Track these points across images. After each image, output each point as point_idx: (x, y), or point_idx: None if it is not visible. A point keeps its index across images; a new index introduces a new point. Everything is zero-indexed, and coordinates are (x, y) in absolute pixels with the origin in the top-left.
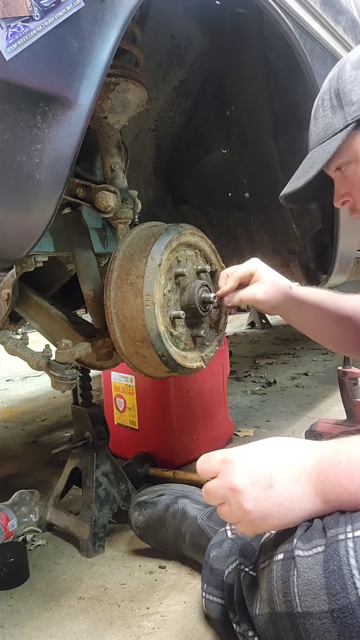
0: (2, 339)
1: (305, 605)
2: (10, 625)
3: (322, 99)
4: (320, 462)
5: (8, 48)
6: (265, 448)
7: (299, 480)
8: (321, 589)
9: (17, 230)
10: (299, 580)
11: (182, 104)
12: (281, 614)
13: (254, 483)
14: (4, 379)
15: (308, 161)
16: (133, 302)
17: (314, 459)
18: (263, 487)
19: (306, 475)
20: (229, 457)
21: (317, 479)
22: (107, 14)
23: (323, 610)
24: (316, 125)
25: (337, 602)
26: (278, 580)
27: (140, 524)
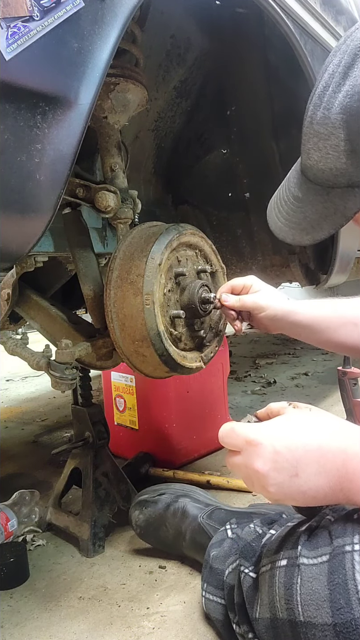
0: (2, 339)
1: (308, 615)
2: (10, 625)
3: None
4: (347, 453)
5: (8, 48)
6: (292, 430)
7: (325, 471)
8: (325, 601)
9: (17, 230)
10: (303, 589)
11: (182, 104)
12: (282, 621)
13: (278, 470)
14: (4, 379)
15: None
16: (133, 301)
17: (341, 448)
18: (288, 475)
19: (332, 466)
20: (253, 440)
21: (342, 470)
22: (107, 14)
23: (326, 623)
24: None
25: (340, 616)
26: (280, 587)
27: (140, 523)
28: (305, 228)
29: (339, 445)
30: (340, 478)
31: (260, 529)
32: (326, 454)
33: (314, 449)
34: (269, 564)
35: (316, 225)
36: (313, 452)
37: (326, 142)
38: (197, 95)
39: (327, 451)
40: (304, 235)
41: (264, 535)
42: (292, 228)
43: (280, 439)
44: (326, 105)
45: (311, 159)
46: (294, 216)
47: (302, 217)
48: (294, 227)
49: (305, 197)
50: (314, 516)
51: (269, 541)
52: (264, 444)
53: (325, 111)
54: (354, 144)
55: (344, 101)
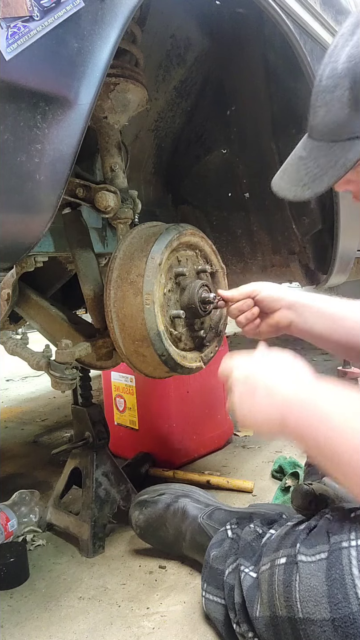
0: (2, 339)
1: (307, 611)
2: (10, 625)
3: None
4: (289, 395)
5: (8, 48)
6: (264, 362)
7: (271, 396)
8: (323, 596)
9: (17, 230)
10: (301, 586)
11: (182, 104)
12: (282, 618)
13: (244, 386)
14: (4, 379)
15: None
16: (133, 300)
17: (292, 390)
18: (249, 393)
19: (278, 400)
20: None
21: (283, 408)
22: (107, 14)
23: (324, 618)
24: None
25: (338, 611)
26: (280, 585)
27: (140, 523)
28: (307, 183)
29: (290, 385)
30: (282, 412)
31: (260, 529)
32: (277, 386)
33: (270, 379)
34: (268, 563)
35: (317, 178)
36: (268, 383)
37: (332, 95)
38: (197, 95)
39: (279, 386)
40: (305, 190)
41: (263, 535)
42: (294, 185)
43: (253, 365)
44: (334, 59)
45: (317, 116)
46: (296, 174)
47: (304, 173)
48: (296, 184)
49: (309, 155)
50: (312, 516)
51: (269, 541)
52: (242, 367)
53: (333, 64)
54: (356, 92)
55: (350, 51)
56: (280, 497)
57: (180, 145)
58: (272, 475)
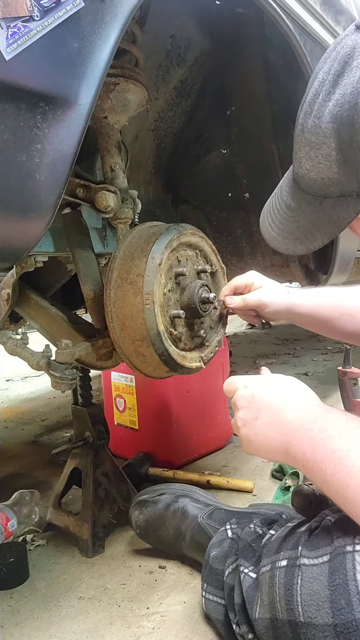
0: (2, 339)
1: (308, 615)
2: (10, 625)
3: (322, 142)
4: (295, 422)
5: (8, 48)
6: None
7: (275, 425)
8: (325, 601)
9: (17, 230)
10: (303, 590)
11: (182, 104)
12: (282, 621)
13: (248, 409)
14: (4, 379)
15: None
16: (133, 300)
17: (294, 416)
18: (252, 416)
19: (280, 426)
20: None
21: (287, 433)
22: (107, 14)
23: (326, 623)
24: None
25: (341, 617)
26: (281, 587)
27: (140, 523)
28: (299, 238)
29: (295, 412)
30: (285, 439)
31: (260, 530)
32: (282, 413)
33: (275, 404)
34: (269, 565)
35: (309, 235)
36: (273, 406)
37: (318, 152)
38: (197, 95)
39: (283, 412)
40: (297, 245)
41: (263, 535)
42: (286, 237)
43: (259, 387)
44: (316, 114)
45: (303, 167)
46: (287, 225)
47: (295, 227)
48: (287, 237)
49: (298, 207)
50: (313, 517)
51: (269, 542)
52: (248, 387)
53: (316, 120)
54: (345, 153)
55: (334, 110)
56: (280, 496)
57: (180, 145)
58: (272, 475)
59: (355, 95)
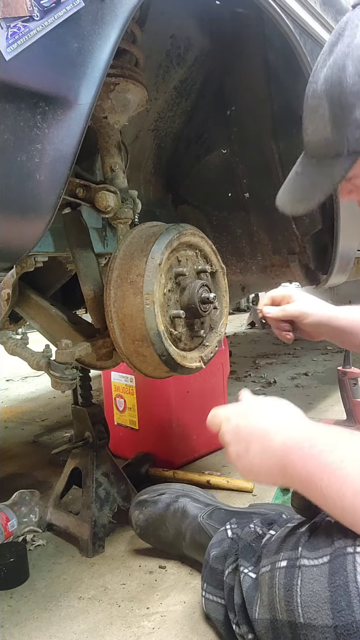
0: (2, 339)
1: (308, 617)
2: (10, 625)
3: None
4: (286, 444)
5: (8, 48)
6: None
7: (267, 452)
8: (325, 602)
9: (17, 230)
10: (303, 591)
11: (182, 104)
12: (282, 622)
13: (237, 441)
14: (4, 379)
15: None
16: (133, 300)
17: (283, 439)
18: (242, 448)
19: (273, 451)
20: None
21: (280, 456)
22: (107, 14)
23: (326, 625)
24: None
25: (341, 618)
26: (281, 588)
27: (140, 523)
28: (300, 199)
29: (283, 434)
30: (280, 463)
31: (260, 530)
32: (270, 438)
33: (261, 431)
34: (268, 565)
35: (309, 193)
36: (259, 433)
37: (315, 114)
38: (197, 95)
39: (271, 437)
40: (300, 204)
41: (263, 535)
42: (290, 199)
43: (241, 417)
44: (315, 79)
45: (307, 133)
46: (292, 189)
47: (299, 188)
48: (292, 198)
49: (303, 170)
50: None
51: (269, 542)
52: (230, 420)
53: (314, 85)
54: (335, 112)
55: (327, 73)
56: (280, 496)
57: (180, 145)
58: None
59: (344, 58)
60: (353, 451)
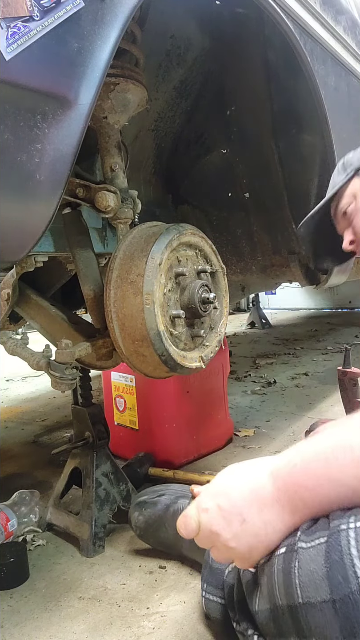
0: (2, 339)
1: (307, 595)
2: (10, 625)
3: (335, 170)
4: (275, 477)
5: (8, 48)
6: (225, 487)
7: (265, 505)
8: (323, 579)
9: (17, 230)
10: (301, 572)
11: (182, 104)
12: (282, 608)
13: (229, 523)
14: (4, 379)
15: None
16: (133, 300)
17: (271, 473)
18: (238, 524)
19: (270, 497)
20: (201, 512)
21: (278, 495)
22: (107, 14)
23: (324, 600)
24: (329, 186)
25: (338, 592)
26: (279, 574)
27: (140, 524)
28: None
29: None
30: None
31: None
32: (260, 488)
33: (248, 493)
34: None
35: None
36: (248, 495)
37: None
38: (197, 95)
39: (260, 486)
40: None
41: None
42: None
43: (218, 497)
44: None
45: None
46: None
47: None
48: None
49: None
50: None
51: None
52: (209, 508)
53: None
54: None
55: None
56: None
57: (180, 145)
58: None
59: None
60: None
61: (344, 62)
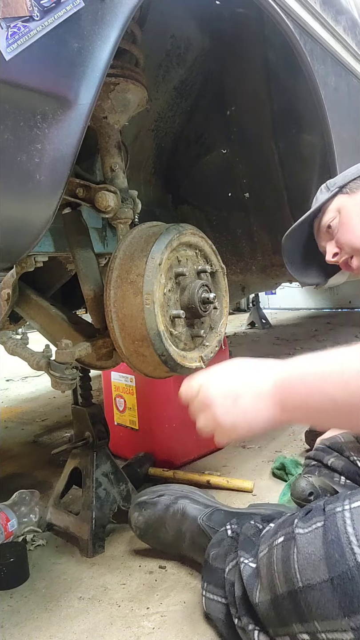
0: (2, 339)
1: (306, 578)
2: (10, 625)
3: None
4: (278, 376)
5: (8, 48)
6: (233, 369)
7: (260, 393)
8: (321, 559)
9: (17, 230)
10: (299, 556)
11: (182, 104)
12: (282, 596)
13: (224, 396)
14: (4, 379)
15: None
16: (133, 300)
17: (274, 375)
18: (231, 399)
19: (266, 389)
20: (205, 380)
21: (275, 392)
22: (107, 14)
23: (323, 580)
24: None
25: (336, 569)
26: (278, 563)
27: (140, 524)
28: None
29: (273, 372)
30: (273, 398)
31: (260, 525)
32: (261, 379)
33: (251, 377)
34: (266, 548)
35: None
36: (250, 380)
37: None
38: (197, 95)
39: (262, 377)
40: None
41: (263, 529)
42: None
43: (225, 375)
44: None
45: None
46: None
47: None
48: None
49: None
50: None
51: (267, 532)
52: (212, 380)
53: None
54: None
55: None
56: (288, 493)
57: (180, 145)
58: (273, 473)
59: None
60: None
61: (344, 62)
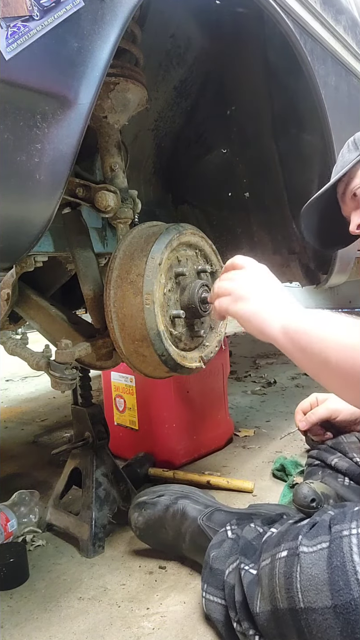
0: (2, 339)
1: (308, 600)
2: (10, 625)
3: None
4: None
5: (8, 48)
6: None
7: (272, 307)
8: (324, 584)
9: (17, 230)
10: (302, 576)
11: (182, 103)
12: (283, 611)
13: (247, 283)
14: (4, 379)
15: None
16: (133, 300)
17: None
18: (248, 290)
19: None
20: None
21: (282, 323)
22: (107, 14)
23: (326, 606)
24: (337, 164)
25: (340, 598)
26: (280, 577)
27: (140, 525)
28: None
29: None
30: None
31: (260, 528)
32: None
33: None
34: (268, 558)
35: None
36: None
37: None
38: (197, 95)
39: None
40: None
41: (264, 534)
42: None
43: (259, 271)
44: None
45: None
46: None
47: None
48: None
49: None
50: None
51: (269, 538)
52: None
53: None
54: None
55: None
56: (288, 494)
57: (180, 145)
58: (273, 474)
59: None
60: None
61: (344, 62)
